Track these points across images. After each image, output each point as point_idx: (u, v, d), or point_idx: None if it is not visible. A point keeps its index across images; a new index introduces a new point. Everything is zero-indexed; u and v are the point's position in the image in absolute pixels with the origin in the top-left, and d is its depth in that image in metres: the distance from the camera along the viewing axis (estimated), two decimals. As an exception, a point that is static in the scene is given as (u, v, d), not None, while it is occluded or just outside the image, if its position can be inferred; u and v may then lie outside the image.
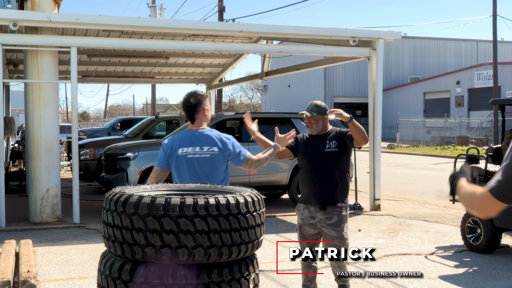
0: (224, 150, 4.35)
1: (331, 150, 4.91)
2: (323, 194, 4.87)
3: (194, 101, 4.41)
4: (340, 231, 4.83)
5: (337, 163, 4.91)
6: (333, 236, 4.84)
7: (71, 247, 7.78)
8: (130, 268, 3.03)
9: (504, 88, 38.01)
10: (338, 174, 4.90)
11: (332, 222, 4.84)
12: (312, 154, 5.00)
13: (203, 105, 4.43)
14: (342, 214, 4.89)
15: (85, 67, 17.39)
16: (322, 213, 4.86)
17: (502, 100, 8.05)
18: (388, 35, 11.24)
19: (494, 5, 29.04)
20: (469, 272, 6.60)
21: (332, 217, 4.85)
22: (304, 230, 5.02)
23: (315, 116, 5.06)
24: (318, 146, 4.99)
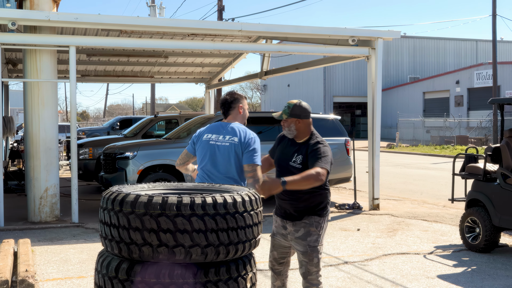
0: (243, 142, 4.49)
1: (294, 165, 4.30)
2: (289, 209, 4.36)
3: (231, 99, 4.69)
4: (305, 245, 4.27)
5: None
6: (298, 250, 4.33)
7: (69, 246, 7.77)
8: (127, 267, 3.03)
9: (504, 87, 38.03)
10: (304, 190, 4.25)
11: (299, 235, 4.31)
12: (279, 161, 4.48)
13: (239, 103, 4.68)
14: (310, 227, 4.29)
15: (84, 67, 17.38)
16: (291, 225, 4.35)
17: (501, 99, 8.03)
18: (387, 34, 11.23)
19: (494, 5, 29.03)
20: (467, 272, 6.60)
21: (299, 229, 4.32)
22: (277, 239, 4.53)
23: (286, 119, 4.41)
24: (288, 155, 4.41)
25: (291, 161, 4.32)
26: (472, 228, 7.67)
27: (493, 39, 29.24)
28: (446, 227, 9.32)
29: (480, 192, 7.65)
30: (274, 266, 4.60)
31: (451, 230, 9.03)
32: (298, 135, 4.39)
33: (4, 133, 13.63)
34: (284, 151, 4.45)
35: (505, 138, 7.41)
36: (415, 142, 37.93)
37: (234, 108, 4.69)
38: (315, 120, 11.82)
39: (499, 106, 8.06)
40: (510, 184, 7.17)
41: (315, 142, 4.35)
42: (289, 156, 4.37)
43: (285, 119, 4.42)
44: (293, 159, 4.32)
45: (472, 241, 7.62)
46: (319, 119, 12.05)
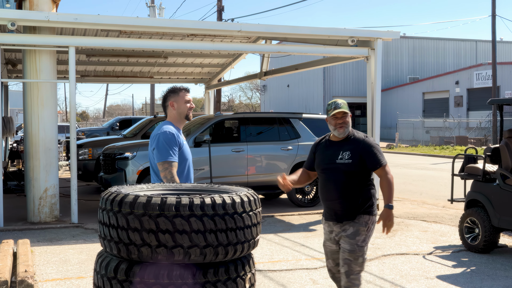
0: (151, 144, 4.34)
1: (343, 162, 4.31)
2: (338, 209, 4.35)
3: (163, 98, 4.53)
4: (353, 244, 4.29)
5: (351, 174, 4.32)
6: (345, 248, 4.32)
7: (69, 247, 7.77)
8: (126, 267, 3.03)
9: (503, 88, 38.03)
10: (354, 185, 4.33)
11: (346, 234, 4.33)
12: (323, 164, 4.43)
13: (169, 100, 4.43)
14: (360, 226, 4.31)
15: (83, 67, 17.38)
16: (339, 226, 4.39)
17: (500, 100, 8.03)
18: (386, 35, 11.23)
19: (493, 5, 29.03)
20: (467, 272, 6.60)
21: (348, 228, 4.34)
22: (327, 246, 4.55)
23: (345, 114, 4.36)
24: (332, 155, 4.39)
25: (337, 159, 4.32)
26: (472, 228, 7.67)
27: (493, 39, 29.24)
28: (446, 227, 9.32)
29: (479, 193, 7.65)
30: (334, 274, 4.57)
31: (450, 230, 9.03)
32: (347, 131, 4.37)
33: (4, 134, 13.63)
34: (325, 154, 4.42)
35: (505, 139, 7.41)
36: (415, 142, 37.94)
37: (167, 107, 4.46)
38: (314, 121, 11.98)
39: (499, 106, 8.06)
40: (510, 185, 7.17)
41: (363, 136, 4.40)
42: (334, 155, 4.36)
43: (343, 114, 4.35)
44: (339, 156, 4.32)
45: (471, 241, 7.63)
46: (319, 119, 12.06)
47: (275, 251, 7.55)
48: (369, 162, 4.31)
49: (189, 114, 4.45)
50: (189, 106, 4.46)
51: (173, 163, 4.18)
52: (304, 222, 9.84)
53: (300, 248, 7.79)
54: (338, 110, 4.32)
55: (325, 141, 4.52)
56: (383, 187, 4.30)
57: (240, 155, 10.96)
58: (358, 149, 4.31)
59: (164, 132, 4.23)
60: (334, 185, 4.33)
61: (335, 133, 4.39)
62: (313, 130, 11.64)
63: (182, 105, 4.41)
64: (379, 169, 4.31)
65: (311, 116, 12.09)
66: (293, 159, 11.29)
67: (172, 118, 4.43)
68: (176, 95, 4.43)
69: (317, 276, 6.39)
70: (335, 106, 4.35)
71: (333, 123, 4.37)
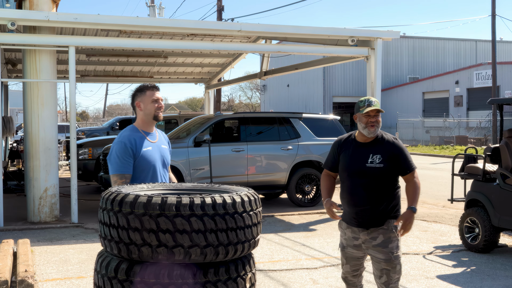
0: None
1: (374, 166, 4.05)
2: (367, 216, 4.10)
3: (131, 99, 4.20)
4: (387, 252, 4.08)
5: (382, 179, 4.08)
6: (379, 258, 4.11)
7: (69, 246, 7.77)
8: (126, 267, 3.02)
9: (503, 87, 38.02)
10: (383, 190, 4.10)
11: (377, 243, 4.10)
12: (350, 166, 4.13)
13: (136, 100, 4.12)
14: (389, 232, 4.11)
15: (83, 67, 17.38)
16: (366, 233, 4.12)
17: (500, 99, 8.03)
18: (386, 34, 11.23)
19: (493, 5, 29.02)
20: (467, 272, 6.61)
21: (377, 236, 4.10)
22: (348, 252, 4.26)
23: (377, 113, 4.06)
24: (360, 157, 4.10)
25: (367, 163, 4.04)
26: (472, 228, 7.67)
27: (493, 39, 29.23)
28: (446, 227, 9.32)
29: (479, 193, 7.65)
30: (347, 278, 4.38)
31: (450, 230, 9.04)
32: (377, 131, 4.07)
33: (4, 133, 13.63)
34: (353, 156, 4.11)
35: (504, 139, 7.41)
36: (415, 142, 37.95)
37: (135, 107, 4.13)
38: (314, 120, 11.98)
39: (498, 106, 8.06)
40: (510, 184, 7.17)
41: (393, 138, 4.14)
42: (363, 158, 4.07)
43: (377, 113, 4.04)
44: (369, 160, 4.05)
45: (471, 241, 7.63)
46: (319, 119, 12.07)
47: (275, 251, 7.56)
48: (400, 166, 4.09)
49: (157, 115, 4.11)
50: (157, 105, 4.11)
51: (123, 176, 3.92)
52: (304, 221, 9.84)
53: (300, 247, 7.79)
54: (372, 108, 4.00)
55: (351, 142, 4.18)
56: (410, 191, 4.12)
57: (240, 155, 10.97)
58: (389, 153, 4.06)
59: (117, 143, 3.99)
60: (363, 191, 4.06)
61: (364, 132, 4.06)
62: (313, 129, 11.65)
63: (148, 105, 4.08)
64: (409, 174, 4.13)
65: (311, 115, 12.09)
66: (293, 159, 11.30)
67: (139, 120, 4.13)
68: (142, 94, 4.12)
69: (317, 276, 6.39)
70: (369, 103, 4.02)
71: (364, 121, 4.03)
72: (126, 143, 3.96)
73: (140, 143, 4.00)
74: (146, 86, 4.13)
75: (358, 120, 4.09)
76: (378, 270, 4.14)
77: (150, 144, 4.05)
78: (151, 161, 4.01)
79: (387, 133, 4.17)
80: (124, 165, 3.93)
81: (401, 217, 4.03)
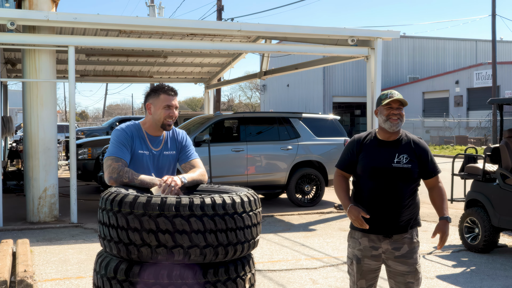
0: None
1: (401, 166, 3.71)
2: (391, 222, 3.73)
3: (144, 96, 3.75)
4: (412, 264, 3.76)
5: (409, 181, 3.75)
6: (403, 271, 3.75)
7: (68, 246, 7.76)
8: (126, 267, 3.02)
9: (503, 87, 38.01)
10: (409, 193, 3.77)
11: (401, 253, 3.75)
12: (373, 165, 3.73)
13: (146, 101, 3.69)
14: (414, 241, 3.81)
15: (83, 67, 17.37)
16: (388, 242, 3.74)
17: (500, 99, 8.03)
18: (386, 34, 11.22)
19: (493, 5, 29.02)
20: (466, 272, 6.60)
21: (401, 246, 3.75)
22: (365, 264, 3.78)
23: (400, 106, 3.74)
24: (385, 156, 3.74)
25: (393, 162, 3.69)
26: (471, 228, 7.67)
27: (493, 39, 29.22)
28: (445, 227, 9.31)
29: (479, 193, 7.64)
30: None
31: (450, 230, 9.01)
32: (400, 126, 3.73)
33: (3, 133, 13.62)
34: (377, 155, 3.74)
35: (504, 139, 7.40)
36: (415, 142, 37.87)
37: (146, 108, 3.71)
38: (314, 120, 11.96)
39: (499, 106, 8.06)
40: (509, 185, 7.17)
41: (418, 138, 3.84)
42: (388, 157, 3.71)
43: (400, 105, 3.72)
44: (395, 159, 3.70)
45: (471, 241, 7.62)
46: (319, 119, 12.06)
47: (275, 251, 7.55)
48: (426, 169, 3.78)
49: (167, 124, 3.62)
50: (168, 113, 3.60)
51: (119, 159, 3.48)
52: (304, 222, 9.83)
53: (300, 248, 7.78)
54: (394, 98, 3.68)
55: (372, 140, 3.81)
56: (437, 197, 3.83)
57: (240, 155, 10.96)
58: (416, 153, 3.75)
59: (116, 130, 3.62)
60: (389, 193, 3.69)
61: (386, 125, 3.70)
62: (313, 129, 11.64)
63: (159, 111, 3.59)
64: (434, 177, 3.82)
65: (311, 115, 12.09)
66: (293, 158, 11.29)
67: (147, 121, 3.68)
68: (156, 96, 3.63)
69: (316, 276, 6.38)
70: (391, 95, 3.71)
71: (386, 113, 3.69)
72: (127, 131, 3.59)
73: (138, 142, 3.62)
74: (162, 88, 3.63)
75: (379, 113, 3.75)
76: (401, 284, 3.77)
77: (148, 149, 3.64)
78: (139, 168, 3.57)
79: (409, 133, 3.87)
80: (122, 151, 3.51)
81: (437, 229, 3.73)
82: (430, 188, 3.87)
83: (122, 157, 3.49)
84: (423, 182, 3.89)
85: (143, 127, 3.67)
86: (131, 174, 3.42)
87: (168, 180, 3.34)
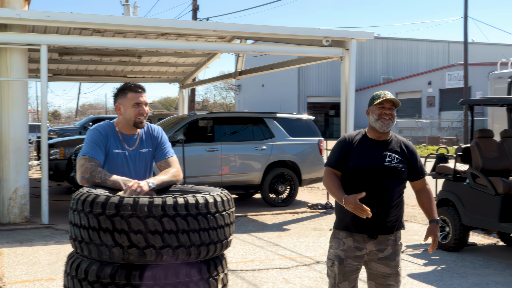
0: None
1: (392, 165, 3.70)
2: (379, 223, 3.68)
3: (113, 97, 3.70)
4: (394, 266, 3.73)
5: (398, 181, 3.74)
6: (384, 273, 3.72)
7: (39, 248, 7.66)
8: (97, 269, 2.99)
9: (475, 88, 38.62)
10: (397, 193, 3.74)
11: (385, 255, 3.71)
12: (365, 165, 3.69)
13: (115, 102, 3.66)
14: (398, 243, 3.78)
15: (56, 65, 17.15)
16: (373, 243, 3.70)
17: (471, 100, 8.16)
18: (361, 35, 11.32)
19: (465, 7, 29.46)
20: (437, 270, 6.69)
21: (385, 248, 3.71)
22: (348, 264, 3.70)
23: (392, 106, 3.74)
24: (376, 156, 3.72)
25: (385, 162, 3.68)
26: (442, 227, 7.77)
27: (465, 40, 29.66)
28: (417, 226, 9.43)
29: (450, 192, 7.76)
30: None
31: (421, 229, 9.14)
32: (390, 126, 3.74)
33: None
34: (368, 154, 3.71)
35: (475, 139, 7.52)
36: (388, 142, 38.26)
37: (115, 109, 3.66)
38: (288, 120, 12.00)
39: (470, 107, 8.19)
40: (480, 184, 7.29)
41: (406, 139, 3.88)
42: (379, 157, 3.70)
43: (392, 105, 3.72)
44: (386, 158, 3.70)
45: (442, 240, 7.73)
46: (293, 119, 12.10)
47: (248, 251, 7.55)
48: (416, 170, 3.81)
49: (139, 121, 3.59)
50: (138, 111, 3.57)
51: (92, 159, 3.44)
52: (277, 221, 9.86)
53: (273, 247, 7.80)
54: (387, 98, 3.70)
55: (362, 139, 3.79)
56: (426, 199, 3.82)
57: (214, 155, 10.94)
58: (406, 154, 3.78)
59: (90, 130, 3.59)
60: (379, 193, 3.66)
61: (377, 124, 3.71)
62: (287, 129, 11.68)
63: (128, 110, 3.57)
64: (422, 179, 3.84)
65: (286, 115, 12.13)
66: (267, 158, 11.31)
67: (119, 121, 3.65)
68: (123, 95, 3.60)
69: (289, 275, 6.40)
70: (384, 94, 3.73)
71: (378, 112, 3.70)
72: (101, 131, 3.56)
73: (113, 142, 3.58)
74: (129, 86, 3.60)
75: (371, 113, 3.75)
76: (382, 286, 3.75)
77: (123, 148, 3.61)
78: (115, 168, 3.56)
79: (396, 134, 3.92)
80: (95, 151, 3.48)
81: (430, 232, 3.74)
82: (418, 191, 3.87)
83: (96, 157, 3.46)
84: (410, 184, 3.89)
85: (117, 127, 3.64)
86: (103, 175, 3.39)
87: (133, 186, 3.27)
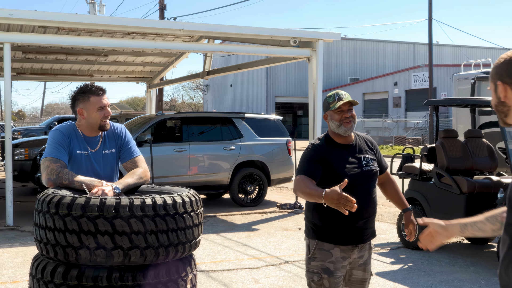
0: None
1: (370, 168, 3.51)
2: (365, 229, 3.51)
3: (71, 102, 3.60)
4: (369, 270, 3.62)
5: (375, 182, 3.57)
6: (362, 278, 3.58)
7: (3, 250, 7.50)
8: (63, 271, 2.95)
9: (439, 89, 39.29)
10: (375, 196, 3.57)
11: (363, 261, 3.57)
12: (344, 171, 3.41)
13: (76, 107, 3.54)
14: (372, 246, 3.65)
15: (20, 64, 16.83)
16: (357, 251, 3.51)
17: (436, 101, 8.30)
18: (328, 36, 11.40)
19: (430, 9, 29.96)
20: (404, 268, 6.78)
21: (364, 253, 3.56)
22: (337, 275, 3.45)
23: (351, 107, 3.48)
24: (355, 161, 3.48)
25: (363, 166, 3.46)
26: (409, 226, 7.88)
27: (429, 42, 30.16)
28: (384, 225, 9.54)
29: (416, 191, 7.88)
30: None
31: (389, 228, 9.25)
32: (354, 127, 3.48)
33: None
34: (345, 160, 3.44)
35: (440, 139, 7.66)
36: (355, 142, 38.64)
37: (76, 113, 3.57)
38: (256, 121, 12.01)
39: (435, 107, 8.32)
40: (445, 183, 7.42)
41: (367, 135, 3.70)
42: (356, 161, 3.47)
43: (350, 106, 3.45)
44: (363, 162, 3.48)
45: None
46: (261, 119, 12.12)
47: (218, 251, 7.54)
48: (381, 163, 3.65)
49: (104, 124, 3.53)
50: (104, 114, 3.52)
51: (57, 160, 3.38)
52: (246, 221, 9.86)
53: (242, 248, 7.80)
54: (343, 101, 3.40)
55: (331, 146, 3.48)
56: (394, 190, 3.72)
57: (182, 155, 10.88)
58: (373, 150, 3.61)
59: (53, 131, 3.52)
60: (364, 199, 3.42)
61: (340, 130, 3.43)
62: (256, 130, 11.70)
63: (93, 114, 3.50)
64: (386, 171, 3.70)
65: (254, 116, 12.14)
66: (236, 158, 11.30)
67: (81, 123, 3.57)
68: (85, 100, 3.51)
69: (259, 275, 6.41)
70: (339, 97, 3.43)
71: (338, 118, 3.41)
72: (64, 132, 3.48)
73: (76, 143, 3.51)
74: (90, 90, 3.51)
75: (330, 118, 3.46)
76: None
77: (86, 149, 3.54)
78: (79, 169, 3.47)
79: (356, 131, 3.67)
80: (60, 151, 3.41)
81: (408, 221, 3.58)
82: (384, 183, 3.73)
83: (61, 158, 3.39)
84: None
85: (79, 128, 3.57)
86: (71, 176, 3.33)
87: (98, 192, 3.19)
